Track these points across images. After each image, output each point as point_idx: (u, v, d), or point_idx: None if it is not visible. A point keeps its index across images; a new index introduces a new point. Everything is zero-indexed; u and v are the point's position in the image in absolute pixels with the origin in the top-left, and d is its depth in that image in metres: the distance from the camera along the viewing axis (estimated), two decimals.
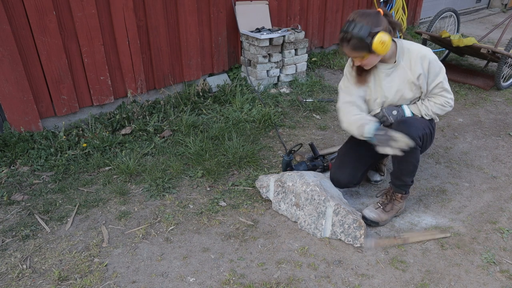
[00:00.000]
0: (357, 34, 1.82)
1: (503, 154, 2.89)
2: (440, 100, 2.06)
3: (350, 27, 1.84)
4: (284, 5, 4.11)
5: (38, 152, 2.66)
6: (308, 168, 2.48)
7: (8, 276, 1.79)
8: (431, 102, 2.07)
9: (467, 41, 3.82)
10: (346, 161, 2.24)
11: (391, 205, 2.16)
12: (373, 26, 1.82)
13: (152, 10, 3.15)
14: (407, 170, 2.07)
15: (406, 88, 2.05)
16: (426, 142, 2.09)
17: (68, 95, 2.92)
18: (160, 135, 2.99)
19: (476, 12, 7.97)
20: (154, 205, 2.29)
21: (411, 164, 2.04)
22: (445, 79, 2.04)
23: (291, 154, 2.48)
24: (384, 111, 2.08)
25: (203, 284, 1.77)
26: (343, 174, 2.22)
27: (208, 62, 3.75)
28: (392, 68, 2.03)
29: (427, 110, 2.07)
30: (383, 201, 2.18)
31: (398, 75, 2.04)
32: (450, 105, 2.09)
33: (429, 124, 2.10)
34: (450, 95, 2.07)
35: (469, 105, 3.71)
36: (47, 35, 2.68)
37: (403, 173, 2.08)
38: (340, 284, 1.78)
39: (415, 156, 2.02)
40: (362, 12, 1.87)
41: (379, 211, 2.15)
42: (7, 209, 2.23)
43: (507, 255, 1.96)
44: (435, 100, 2.06)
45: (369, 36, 1.81)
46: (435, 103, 2.06)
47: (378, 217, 2.12)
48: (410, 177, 2.10)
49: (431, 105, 2.07)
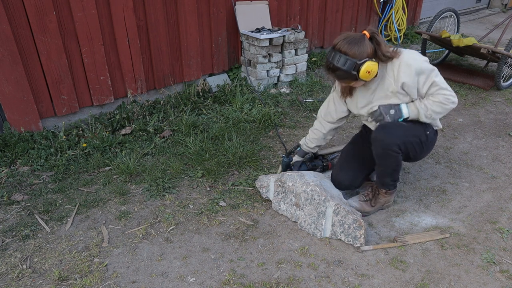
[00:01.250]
0: (342, 67, 1.85)
1: (503, 154, 2.89)
2: (439, 98, 1.99)
3: (335, 59, 1.86)
4: (284, 5, 4.11)
5: (38, 152, 2.66)
6: (308, 168, 2.48)
7: (8, 276, 1.79)
8: (430, 100, 2.01)
9: (467, 41, 3.82)
10: (349, 164, 2.25)
11: (374, 200, 2.22)
12: (359, 58, 1.83)
13: (152, 10, 3.15)
14: (385, 173, 2.11)
15: (392, 97, 2.02)
16: (415, 151, 2.05)
17: (68, 95, 2.92)
18: (160, 135, 2.99)
19: (476, 12, 7.97)
20: (154, 205, 2.29)
21: (389, 168, 2.08)
22: (439, 78, 1.98)
23: (290, 155, 2.49)
24: (381, 109, 2.05)
25: (203, 284, 1.77)
26: (345, 176, 2.23)
27: (208, 62, 3.75)
28: (377, 82, 2.02)
29: (426, 109, 2.00)
30: (367, 194, 2.25)
31: (382, 87, 2.02)
32: (451, 102, 1.99)
33: (420, 132, 2.05)
34: (450, 92, 2.00)
35: (469, 105, 3.71)
36: (47, 35, 2.68)
37: (383, 175, 2.13)
38: (340, 284, 1.78)
39: (393, 161, 2.03)
40: (347, 40, 1.85)
41: (362, 202, 2.22)
42: (7, 209, 2.23)
43: (507, 255, 1.96)
44: (433, 98, 2.00)
45: (355, 69, 1.84)
46: (433, 101, 2.00)
47: (361, 207, 2.19)
48: (390, 178, 2.13)
49: (429, 103, 2.00)
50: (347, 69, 1.84)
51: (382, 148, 2.00)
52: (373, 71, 1.87)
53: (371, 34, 1.88)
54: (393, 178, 2.13)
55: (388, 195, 2.21)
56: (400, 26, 5.45)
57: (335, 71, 1.89)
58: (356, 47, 1.83)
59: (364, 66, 1.83)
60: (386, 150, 1.99)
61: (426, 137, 2.08)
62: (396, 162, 2.04)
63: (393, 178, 2.13)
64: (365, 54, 1.84)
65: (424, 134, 2.07)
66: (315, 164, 2.52)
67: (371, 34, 1.88)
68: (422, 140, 2.07)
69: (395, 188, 2.21)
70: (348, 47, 1.84)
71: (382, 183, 2.17)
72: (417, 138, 2.04)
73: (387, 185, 2.16)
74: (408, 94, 1.99)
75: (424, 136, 2.07)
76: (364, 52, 1.84)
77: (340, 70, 1.86)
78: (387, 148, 1.98)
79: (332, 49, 1.89)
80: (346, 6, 4.80)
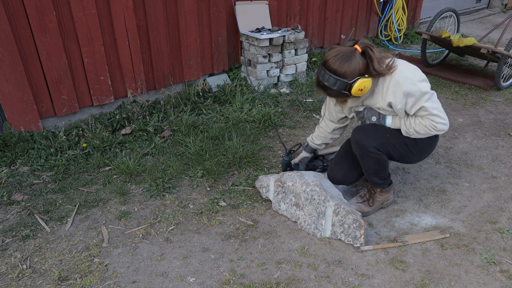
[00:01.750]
0: (333, 87, 1.82)
1: (503, 154, 2.89)
2: (425, 122, 1.90)
3: (325, 78, 1.81)
4: (284, 5, 4.11)
5: (38, 152, 2.66)
6: (308, 168, 2.48)
7: (8, 276, 1.79)
8: (417, 120, 1.92)
9: (467, 41, 3.82)
10: (345, 160, 2.25)
11: (372, 199, 2.23)
12: (350, 77, 1.78)
13: (152, 10, 3.15)
14: (370, 173, 2.10)
15: (380, 110, 2.00)
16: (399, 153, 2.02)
17: (68, 95, 2.92)
18: (160, 135, 2.99)
19: (476, 12, 7.97)
20: (154, 205, 2.29)
21: (371, 168, 2.07)
22: (430, 103, 1.87)
23: (290, 154, 2.49)
24: (365, 113, 2.03)
25: (203, 284, 1.77)
26: (340, 171, 2.24)
27: (208, 62, 3.75)
28: (367, 94, 1.97)
29: (408, 127, 1.94)
30: (365, 194, 2.26)
31: (371, 101, 2.00)
32: (436, 129, 1.90)
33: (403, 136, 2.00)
34: (441, 119, 1.89)
35: (469, 105, 3.71)
36: (47, 35, 2.68)
37: (368, 175, 2.13)
38: (340, 284, 1.78)
39: (374, 162, 2.02)
40: (337, 56, 1.79)
41: (360, 204, 2.23)
42: (7, 209, 2.23)
43: (507, 255, 1.96)
44: (421, 121, 1.91)
45: (346, 89, 1.81)
46: (420, 123, 1.91)
47: (359, 209, 2.19)
48: (377, 177, 2.12)
49: (415, 123, 1.92)
50: (337, 89, 1.81)
51: (360, 150, 2.01)
52: (366, 87, 1.83)
53: (363, 48, 1.81)
54: (380, 177, 2.11)
55: (384, 193, 2.21)
56: (400, 26, 5.45)
57: (325, 89, 1.86)
58: (347, 65, 1.77)
59: (356, 84, 1.79)
60: (364, 152, 1.99)
61: (414, 140, 2.01)
62: (378, 162, 2.03)
63: (380, 176, 2.11)
64: (356, 72, 1.79)
65: (410, 138, 2.01)
66: (315, 164, 2.52)
67: (363, 49, 1.81)
68: (408, 143, 2.01)
69: (389, 185, 2.20)
70: (338, 65, 1.78)
71: (372, 182, 2.17)
72: (400, 140, 2.00)
73: (377, 184, 2.16)
74: (395, 111, 1.94)
75: (410, 140, 2.01)
76: (356, 70, 1.79)
77: (331, 89, 1.83)
78: (365, 149, 1.98)
79: (323, 66, 1.83)
80: (346, 6, 4.80)
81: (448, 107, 3.67)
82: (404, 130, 1.97)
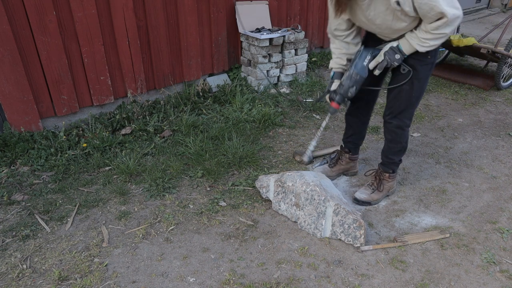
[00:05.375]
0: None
1: (503, 154, 2.89)
2: (435, 24, 1.75)
3: None
4: (284, 5, 4.11)
5: (38, 152, 2.66)
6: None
7: (8, 276, 1.79)
8: (425, 27, 1.80)
9: (467, 41, 3.82)
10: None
11: (381, 185, 2.32)
12: None
13: (152, 10, 3.15)
14: (395, 150, 2.25)
15: (390, 18, 1.83)
16: (418, 92, 2.03)
17: (68, 95, 2.92)
18: (160, 135, 2.99)
19: (476, 12, 7.97)
20: (154, 205, 2.29)
21: (401, 144, 2.22)
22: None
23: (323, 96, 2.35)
24: (387, 57, 1.95)
25: (203, 284, 1.77)
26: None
27: (208, 62, 3.75)
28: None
29: (423, 41, 1.83)
30: (373, 182, 2.34)
31: (377, 5, 1.82)
32: (449, 22, 1.72)
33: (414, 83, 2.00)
34: (452, 10, 1.70)
35: (469, 105, 3.71)
36: (47, 35, 2.68)
37: (393, 153, 2.26)
38: (340, 284, 1.78)
39: (406, 137, 2.20)
40: None
41: (369, 191, 2.31)
42: (7, 209, 2.23)
43: (507, 255, 1.96)
44: (428, 26, 1.78)
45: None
46: (428, 30, 1.79)
47: (369, 198, 2.28)
48: (399, 156, 2.27)
49: (426, 33, 1.81)
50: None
51: (397, 132, 2.18)
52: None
53: None
54: (401, 154, 2.28)
55: (391, 180, 2.34)
56: None
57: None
58: None
59: None
60: (402, 132, 2.17)
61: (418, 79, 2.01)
62: (407, 136, 2.22)
63: (401, 154, 2.28)
64: None
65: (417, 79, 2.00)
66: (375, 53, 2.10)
67: None
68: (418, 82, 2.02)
69: (396, 171, 2.35)
70: None
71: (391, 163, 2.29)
72: (419, 86, 2.03)
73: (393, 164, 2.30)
74: (407, 13, 1.77)
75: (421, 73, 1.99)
76: None
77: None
78: (402, 130, 2.17)
79: None
80: None
81: (448, 107, 3.67)
82: (419, 45, 1.86)
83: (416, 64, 1.98)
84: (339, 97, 2.11)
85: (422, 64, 1.98)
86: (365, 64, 2.03)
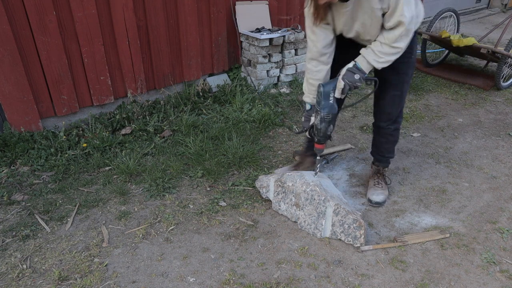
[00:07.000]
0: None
1: (503, 154, 2.89)
2: (394, 33, 1.76)
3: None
4: (284, 5, 4.11)
5: (38, 152, 2.66)
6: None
7: (8, 276, 1.79)
8: (377, 42, 1.82)
9: (467, 41, 3.82)
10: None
11: (385, 180, 2.43)
12: None
13: (152, 10, 3.15)
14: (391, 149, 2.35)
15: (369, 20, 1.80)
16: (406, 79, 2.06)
17: (68, 95, 2.92)
18: (160, 135, 2.99)
19: (476, 12, 7.97)
20: (154, 205, 2.29)
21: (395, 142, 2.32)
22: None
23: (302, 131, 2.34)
24: (346, 81, 1.89)
25: (203, 284, 1.77)
26: None
27: (208, 62, 3.75)
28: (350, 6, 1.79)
29: (375, 56, 1.83)
30: (378, 181, 2.39)
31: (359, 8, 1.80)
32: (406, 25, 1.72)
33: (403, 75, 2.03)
34: (409, 13, 1.71)
35: (469, 105, 3.71)
36: (47, 35, 2.68)
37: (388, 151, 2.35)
38: (340, 284, 1.78)
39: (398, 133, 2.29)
40: None
41: (382, 190, 2.35)
42: (7, 209, 2.23)
43: (507, 255, 1.96)
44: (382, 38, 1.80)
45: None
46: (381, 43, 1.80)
47: (385, 197, 2.33)
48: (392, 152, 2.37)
49: (377, 47, 1.81)
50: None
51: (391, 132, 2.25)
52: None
53: None
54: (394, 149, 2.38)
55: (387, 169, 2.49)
56: None
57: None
58: None
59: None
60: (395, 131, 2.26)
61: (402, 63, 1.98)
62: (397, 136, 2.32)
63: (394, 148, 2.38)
64: None
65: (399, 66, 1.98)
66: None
67: None
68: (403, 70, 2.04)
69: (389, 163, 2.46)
70: None
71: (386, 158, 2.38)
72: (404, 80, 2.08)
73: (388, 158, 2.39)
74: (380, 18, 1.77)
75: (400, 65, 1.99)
76: None
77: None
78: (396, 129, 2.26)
79: None
80: None
81: (448, 107, 3.67)
82: (376, 61, 1.84)
83: (403, 68, 2.03)
84: (322, 139, 2.09)
85: (410, 67, 2.07)
86: (331, 101, 1.97)
